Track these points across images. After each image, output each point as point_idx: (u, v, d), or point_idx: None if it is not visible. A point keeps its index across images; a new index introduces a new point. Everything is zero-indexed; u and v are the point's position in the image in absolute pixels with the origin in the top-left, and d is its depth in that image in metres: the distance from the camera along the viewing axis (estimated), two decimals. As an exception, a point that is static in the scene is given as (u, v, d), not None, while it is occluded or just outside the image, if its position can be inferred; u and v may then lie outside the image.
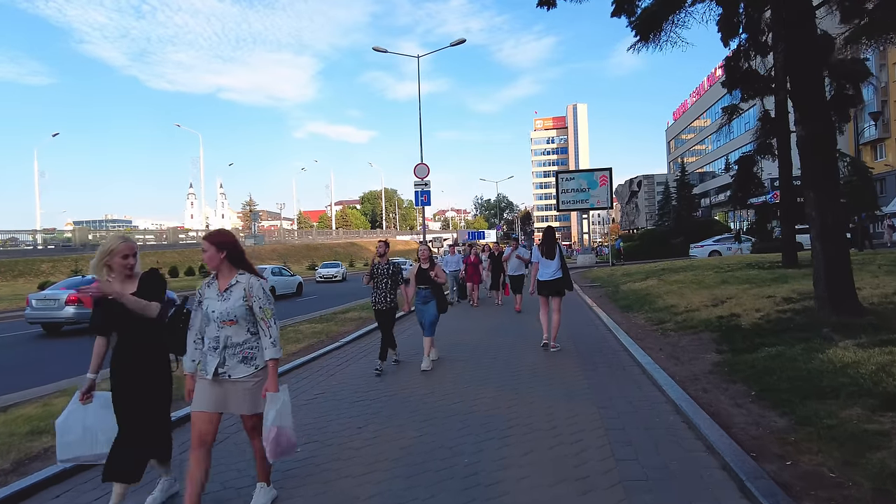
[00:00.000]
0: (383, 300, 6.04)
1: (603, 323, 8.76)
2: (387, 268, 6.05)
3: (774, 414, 3.63)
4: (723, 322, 6.91)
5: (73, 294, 12.32)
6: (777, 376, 4.23)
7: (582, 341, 7.31)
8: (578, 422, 3.93)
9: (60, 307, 12.13)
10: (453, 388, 5.11)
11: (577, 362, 5.98)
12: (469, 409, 4.40)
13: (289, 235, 62.07)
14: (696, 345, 6.14)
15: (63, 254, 32.80)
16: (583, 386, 4.95)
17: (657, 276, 13.72)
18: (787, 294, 7.87)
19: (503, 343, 7.45)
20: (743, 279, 10.43)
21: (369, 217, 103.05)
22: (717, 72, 52.08)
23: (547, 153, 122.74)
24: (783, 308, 6.94)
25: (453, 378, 5.55)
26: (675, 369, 5.20)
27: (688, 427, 3.70)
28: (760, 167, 12.87)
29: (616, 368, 5.63)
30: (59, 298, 12.20)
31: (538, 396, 4.67)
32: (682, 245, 30.98)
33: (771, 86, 12.47)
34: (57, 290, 12.97)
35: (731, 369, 4.77)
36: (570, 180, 32.52)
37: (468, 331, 8.67)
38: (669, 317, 8.12)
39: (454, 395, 4.85)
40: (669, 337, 6.85)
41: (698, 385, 4.57)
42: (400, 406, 4.62)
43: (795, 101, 5.81)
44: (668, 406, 4.20)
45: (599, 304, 11.36)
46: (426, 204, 20.22)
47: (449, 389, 5.09)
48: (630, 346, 6.52)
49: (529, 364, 6.01)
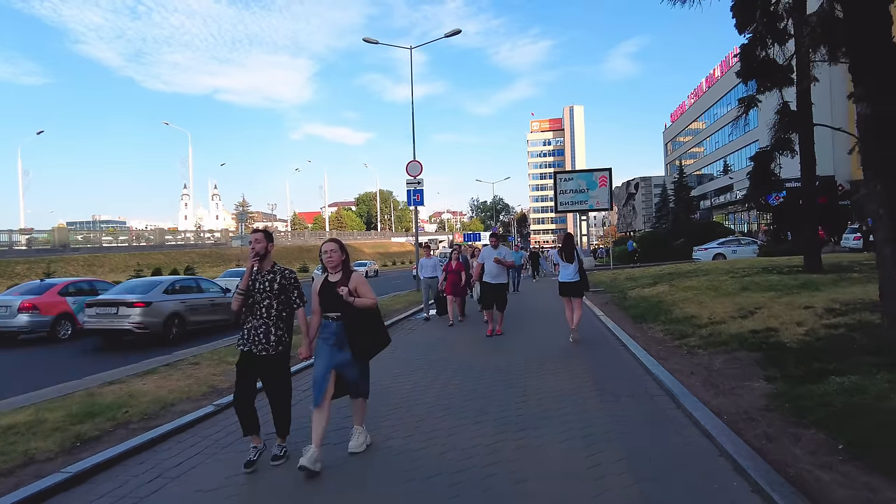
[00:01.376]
0: (259, 338, 3.42)
1: (615, 336, 7.72)
2: (269, 279, 3.49)
3: (887, 485, 2.59)
4: (759, 339, 5.88)
5: (28, 301, 11.18)
6: (869, 422, 3.20)
7: (595, 361, 6.27)
8: (606, 486, 2.89)
9: (13, 315, 10.93)
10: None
11: (594, 389, 4.93)
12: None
13: (281, 237, 60.81)
14: (735, 368, 5.11)
15: (41, 255, 31.45)
16: (603, 427, 3.90)
17: (667, 281, 12.71)
18: (827, 304, 6.87)
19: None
20: (765, 285, 9.43)
21: (365, 219, 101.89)
22: (715, 73, 51.37)
23: (543, 155, 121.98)
24: (831, 322, 5.92)
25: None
26: (718, 402, 4.17)
27: (763, 501, 2.66)
28: (779, 163, 11.90)
29: (641, 399, 4.59)
30: (12, 305, 11.01)
31: (548, 441, 3.62)
32: (684, 247, 30.09)
33: (790, 76, 11.50)
34: (10, 295, 11.77)
35: (796, 406, 3.73)
36: (568, 181, 31.53)
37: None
38: (692, 330, 7.10)
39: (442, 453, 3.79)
40: (698, 356, 5.81)
41: (757, 428, 3.53)
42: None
43: (857, 73, 4.81)
44: (725, 462, 3.16)
45: (607, 312, 10.33)
46: (419, 204, 19.19)
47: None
48: (653, 367, 5.48)
49: (535, 390, 4.96)
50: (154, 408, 4.83)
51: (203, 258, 41.85)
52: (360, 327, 3.46)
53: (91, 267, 32.22)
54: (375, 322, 3.60)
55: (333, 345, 3.45)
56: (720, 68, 49.36)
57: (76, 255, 33.63)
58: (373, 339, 3.55)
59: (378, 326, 3.63)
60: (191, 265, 35.12)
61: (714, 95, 51.00)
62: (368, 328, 3.51)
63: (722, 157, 50.66)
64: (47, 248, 33.25)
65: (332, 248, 3.56)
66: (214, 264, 39.75)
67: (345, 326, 3.44)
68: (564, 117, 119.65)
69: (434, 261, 10.79)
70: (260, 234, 3.53)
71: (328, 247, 3.57)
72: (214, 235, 50.55)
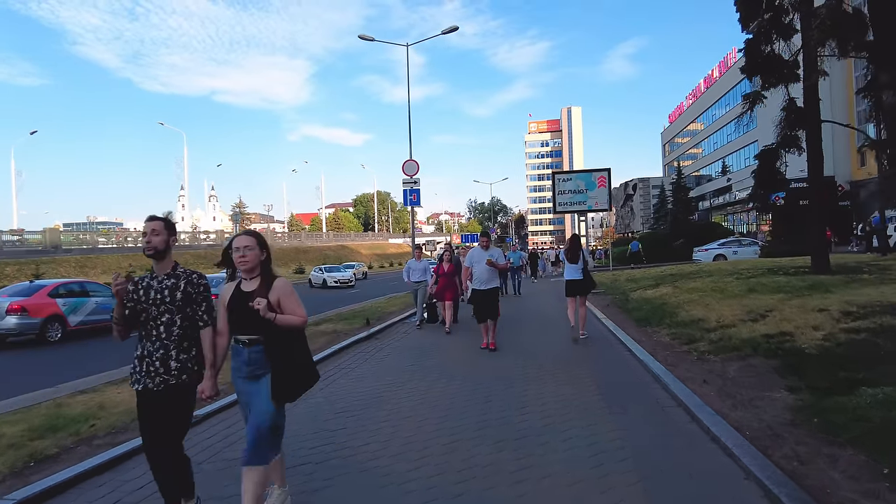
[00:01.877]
0: (156, 366, 2.54)
1: (619, 340, 7.37)
2: (170, 286, 2.59)
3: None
4: (774, 344, 5.54)
5: (17, 302, 10.85)
6: (914, 441, 2.85)
7: (600, 367, 5.92)
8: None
9: (0, 317, 10.60)
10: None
11: (600, 400, 4.58)
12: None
13: (277, 238, 60.36)
14: (751, 376, 4.76)
15: (32, 256, 30.95)
16: (613, 444, 3.54)
17: (670, 283, 12.37)
18: (842, 307, 6.52)
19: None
20: (773, 287, 9.10)
21: (362, 220, 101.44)
22: (713, 73, 51.20)
23: (541, 156, 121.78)
24: (850, 327, 5.58)
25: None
26: (737, 416, 3.81)
27: (804, 537, 2.31)
28: (784, 161, 11.58)
29: (652, 411, 4.23)
30: (0, 307, 10.68)
31: (554, 461, 3.26)
32: (683, 248, 29.81)
33: (797, 71, 11.19)
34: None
35: (826, 422, 3.38)
36: (567, 181, 31.13)
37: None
38: (700, 334, 6.75)
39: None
40: (709, 362, 5.46)
41: (785, 447, 3.17)
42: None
43: (882, 61, 4.48)
44: (753, 486, 2.80)
45: (609, 314, 9.98)
46: (415, 204, 18.78)
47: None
48: (663, 374, 5.13)
49: (537, 400, 4.60)
50: (125, 420, 4.44)
51: (198, 259, 41.33)
52: (284, 356, 2.53)
53: (83, 268, 31.74)
54: (302, 350, 2.65)
55: (246, 378, 2.58)
56: (718, 69, 49.23)
57: (68, 256, 33.13)
58: (300, 373, 2.60)
59: (306, 356, 2.67)
60: (185, 267, 34.62)
61: (712, 96, 50.84)
62: (295, 357, 2.58)
63: (720, 158, 50.47)
64: (38, 249, 32.70)
65: (245, 244, 2.58)
66: (210, 265, 39.31)
67: (264, 354, 2.53)
68: (562, 118, 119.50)
69: (424, 263, 9.96)
70: (158, 224, 2.58)
71: (241, 241, 2.60)
72: (210, 237, 50.05)
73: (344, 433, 4.02)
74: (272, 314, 2.48)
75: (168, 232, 2.59)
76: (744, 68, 11.68)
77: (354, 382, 5.70)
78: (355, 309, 13.59)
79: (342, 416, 4.47)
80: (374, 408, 4.67)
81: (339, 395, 5.20)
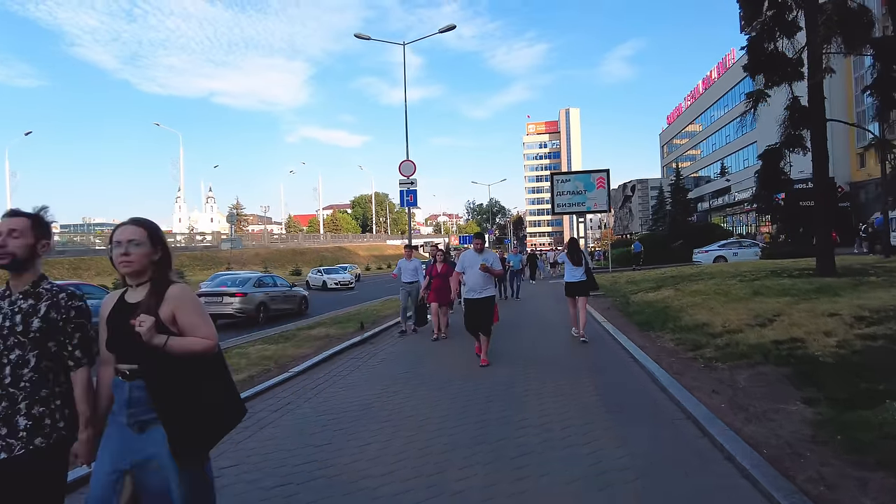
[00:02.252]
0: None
1: (621, 346, 7.11)
2: (24, 310, 1.77)
3: None
4: (785, 351, 5.28)
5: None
6: (953, 465, 2.59)
7: (602, 373, 5.65)
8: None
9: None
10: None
11: (604, 411, 4.31)
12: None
13: (274, 239, 60.00)
14: (762, 386, 4.50)
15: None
16: (619, 462, 3.28)
17: (671, 286, 12.12)
18: (854, 311, 6.27)
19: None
20: (778, 290, 8.85)
21: (360, 221, 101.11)
22: (712, 75, 51.11)
23: (539, 157, 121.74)
24: (865, 333, 5.32)
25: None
26: (751, 430, 3.55)
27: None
28: (788, 161, 11.35)
29: (660, 423, 3.97)
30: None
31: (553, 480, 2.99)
32: (683, 249, 29.59)
33: (800, 69, 10.98)
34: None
35: (850, 439, 3.12)
36: (565, 182, 30.87)
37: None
38: (705, 339, 6.50)
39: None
40: (717, 371, 5.20)
41: (808, 468, 2.91)
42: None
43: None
44: (776, 515, 2.54)
45: (610, 318, 9.72)
46: (412, 205, 18.47)
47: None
48: (670, 384, 4.86)
49: (537, 409, 4.34)
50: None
51: (194, 261, 40.98)
52: (181, 396, 1.72)
53: (77, 270, 31.41)
54: (212, 386, 1.81)
55: (127, 424, 1.75)
56: (717, 70, 49.17)
57: (61, 257, 32.77)
58: (209, 416, 1.77)
59: (218, 393, 1.82)
60: (181, 269, 34.34)
61: (711, 97, 50.77)
62: (202, 398, 1.76)
63: (719, 160, 50.35)
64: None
65: (130, 237, 1.79)
66: (205, 267, 38.90)
67: (148, 391, 1.73)
68: (560, 120, 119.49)
69: (415, 263, 9.33)
70: (21, 221, 1.79)
71: (124, 233, 1.79)
72: (206, 238, 49.67)
73: (330, 448, 3.75)
74: (161, 337, 1.71)
75: (36, 235, 1.80)
76: (746, 66, 11.45)
77: (345, 391, 5.43)
78: (351, 312, 13.31)
79: (329, 429, 4.20)
80: (365, 419, 4.39)
81: (328, 405, 4.92)
